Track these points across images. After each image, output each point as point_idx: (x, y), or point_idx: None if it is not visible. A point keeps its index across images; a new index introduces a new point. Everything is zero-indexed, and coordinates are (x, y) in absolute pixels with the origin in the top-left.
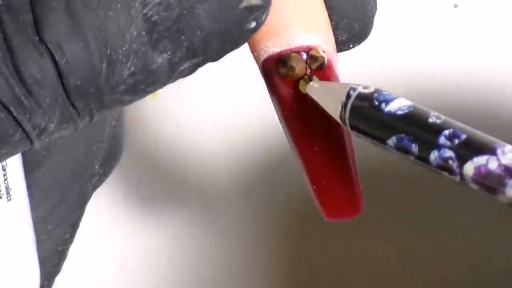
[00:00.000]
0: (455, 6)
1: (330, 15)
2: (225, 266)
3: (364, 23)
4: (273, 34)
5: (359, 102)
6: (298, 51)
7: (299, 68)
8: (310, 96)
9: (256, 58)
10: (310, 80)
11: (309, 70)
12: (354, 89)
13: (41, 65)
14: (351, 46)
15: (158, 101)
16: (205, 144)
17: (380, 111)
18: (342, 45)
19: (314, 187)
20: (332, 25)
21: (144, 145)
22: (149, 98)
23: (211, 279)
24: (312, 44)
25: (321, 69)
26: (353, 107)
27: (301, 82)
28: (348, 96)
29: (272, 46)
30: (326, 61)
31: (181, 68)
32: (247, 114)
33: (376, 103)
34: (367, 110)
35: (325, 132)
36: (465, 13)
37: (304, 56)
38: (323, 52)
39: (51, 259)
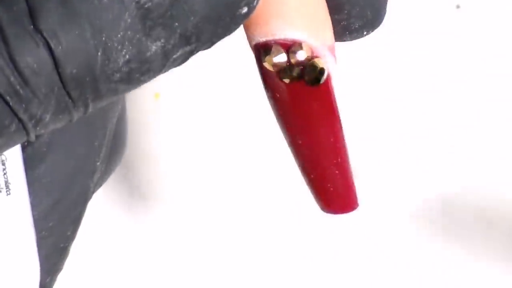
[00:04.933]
0: (458, 6)
1: (342, 4)
2: (225, 266)
3: (377, 10)
4: (260, 23)
5: None
6: (280, 43)
7: (278, 60)
8: (294, 87)
9: (250, 45)
10: (291, 72)
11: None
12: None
13: (37, 54)
14: (364, 33)
15: (160, 102)
16: (206, 144)
17: None
18: (356, 33)
19: (306, 180)
20: (344, 14)
21: (146, 145)
22: (151, 99)
23: (211, 279)
24: (294, 38)
25: (302, 65)
26: None
27: (281, 73)
28: None
29: (258, 35)
30: (307, 57)
31: (175, 56)
32: (249, 115)
33: None
34: None
35: (313, 125)
36: (468, 13)
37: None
38: (308, 47)
39: (53, 256)
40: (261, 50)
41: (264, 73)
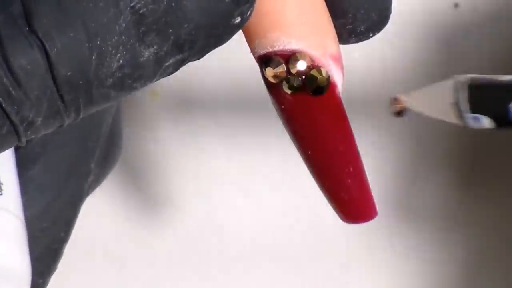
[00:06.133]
0: (456, 5)
1: (346, 8)
2: (225, 266)
3: (382, 12)
4: (259, 35)
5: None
6: (279, 54)
7: (277, 71)
8: (298, 98)
9: (254, 58)
10: (292, 83)
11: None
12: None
13: (31, 55)
14: (370, 35)
15: (158, 101)
16: (205, 144)
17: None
18: (361, 36)
19: (321, 190)
20: (349, 17)
21: (144, 145)
22: (148, 98)
23: (211, 279)
24: (293, 48)
25: (302, 75)
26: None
27: (283, 85)
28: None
29: (259, 47)
30: (307, 67)
31: (167, 63)
32: (248, 113)
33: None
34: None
35: (320, 135)
36: (466, 12)
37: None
38: (307, 57)
39: (46, 257)
40: (263, 62)
41: (268, 85)
